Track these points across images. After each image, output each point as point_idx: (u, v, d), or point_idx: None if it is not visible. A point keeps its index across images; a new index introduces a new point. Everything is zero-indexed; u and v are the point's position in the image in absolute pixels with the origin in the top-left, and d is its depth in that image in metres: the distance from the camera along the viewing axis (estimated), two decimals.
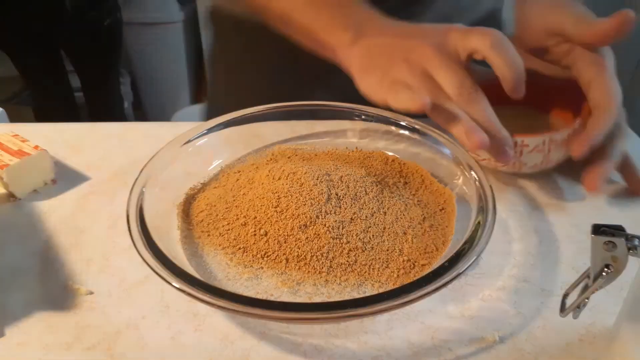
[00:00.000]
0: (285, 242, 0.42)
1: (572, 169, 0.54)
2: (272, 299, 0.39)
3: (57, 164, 0.55)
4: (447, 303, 0.39)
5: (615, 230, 0.29)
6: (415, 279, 0.38)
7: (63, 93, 1.67)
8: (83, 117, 1.79)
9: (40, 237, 0.46)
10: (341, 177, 0.46)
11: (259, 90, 0.66)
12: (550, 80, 0.53)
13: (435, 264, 0.40)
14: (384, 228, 0.43)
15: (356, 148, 0.55)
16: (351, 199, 0.44)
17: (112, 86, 1.76)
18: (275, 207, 0.43)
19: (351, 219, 0.43)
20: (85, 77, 1.71)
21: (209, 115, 0.78)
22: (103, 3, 1.54)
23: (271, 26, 0.58)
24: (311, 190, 0.44)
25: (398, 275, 0.40)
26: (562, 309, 0.35)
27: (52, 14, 1.48)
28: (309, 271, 0.41)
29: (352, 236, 0.42)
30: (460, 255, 0.37)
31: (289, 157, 0.53)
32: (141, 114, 2.17)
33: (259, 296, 0.39)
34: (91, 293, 0.40)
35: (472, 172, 0.45)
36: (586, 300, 0.33)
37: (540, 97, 0.54)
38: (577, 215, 0.48)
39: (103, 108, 1.75)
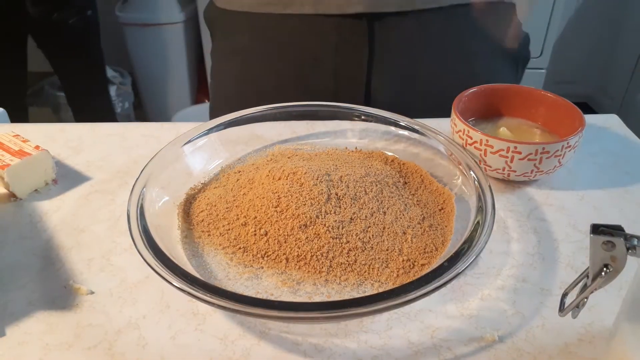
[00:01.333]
0: (285, 242, 0.42)
1: (571, 168, 0.54)
2: (272, 298, 0.39)
3: (58, 164, 0.55)
4: (446, 303, 0.40)
5: (614, 230, 0.29)
6: (414, 278, 0.38)
7: (15, 93, 1.62)
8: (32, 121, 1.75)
9: (41, 237, 0.46)
10: (341, 177, 0.46)
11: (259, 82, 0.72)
12: (549, 98, 0.55)
13: (435, 264, 0.40)
14: (384, 228, 0.43)
15: (356, 148, 0.55)
16: (351, 198, 0.44)
17: (97, 90, 1.69)
18: (275, 207, 0.43)
19: (351, 218, 0.43)
20: (65, 81, 1.65)
21: (212, 114, 0.79)
22: (68, 3, 1.48)
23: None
24: (311, 190, 0.44)
25: (398, 275, 0.40)
26: (561, 308, 0.35)
27: (18, 13, 1.43)
28: (309, 271, 0.41)
29: (351, 236, 0.42)
30: (459, 254, 0.37)
31: (289, 157, 0.53)
32: (141, 114, 2.17)
33: (259, 296, 0.39)
34: (92, 293, 0.41)
35: (471, 172, 0.45)
36: (585, 299, 0.33)
37: (543, 113, 0.56)
38: (575, 215, 0.48)
39: (89, 112, 1.69)
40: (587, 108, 2.21)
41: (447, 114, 0.54)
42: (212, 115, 0.81)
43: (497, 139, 0.48)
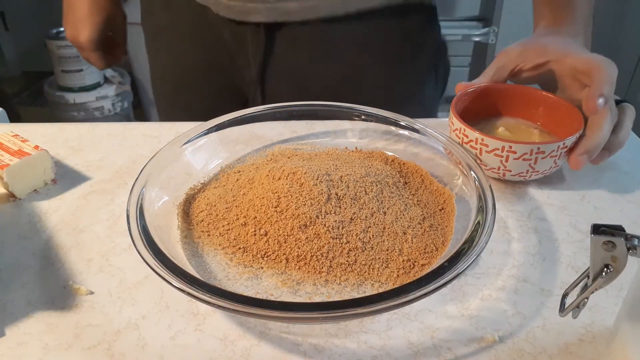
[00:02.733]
0: (285, 242, 0.42)
1: (571, 171, 0.54)
2: (272, 298, 0.39)
3: (58, 164, 0.55)
4: (446, 303, 0.39)
5: (614, 230, 0.29)
6: (415, 278, 0.38)
7: None
8: None
9: (40, 237, 0.46)
10: (341, 177, 0.46)
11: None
12: (550, 98, 0.55)
13: (435, 264, 0.40)
14: (384, 228, 0.43)
15: (356, 148, 0.55)
16: (351, 199, 0.44)
17: None
18: (275, 207, 0.43)
19: (351, 219, 0.43)
20: None
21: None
22: None
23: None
24: (311, 190, 0.44)
25: (398, 275, 0.40)
26: (562, 308, 0.35)
27: None
28: (309, 271, 0.41)
29: (352, 236, 0.42)
30: (459, 255, 0.37)
31: (289, 157, 0.53)
32: (141, 114, 2.17)
33: (259, 296, 0.39)
34: (91, 293, 0.40)
35: (472, 172, 0.45)
36: (585, 300, 0.33)
37: (543, 114, 0.55)
38: (576, 215, 0.48)
39: None
40: None
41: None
42: (156, 99, 0.82)
43: (493, 137, 0.48)
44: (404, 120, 0.53)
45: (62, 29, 1.87)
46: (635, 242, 0.29)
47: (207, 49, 0.70)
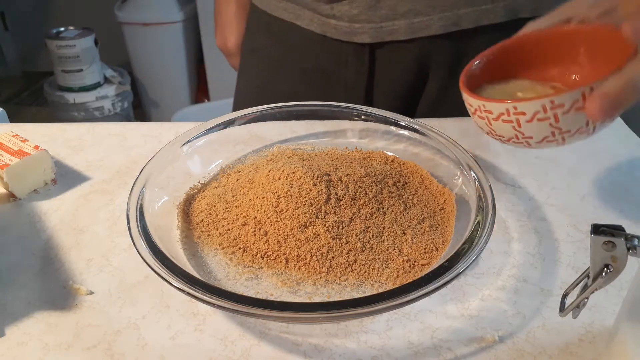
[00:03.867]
0: (285, 242, 0.42)
1: (571, 168, 0.54)
2: (272, 298, 0.39)
3: (58, 164, 0.55)
4: (446, 303, 0.39)
5: (614, 230, 0.29)
6: (414, 278, 0.38)
7: None
8: None
9: (40, 237, 0.46)
10: (341, 177, 0.46)
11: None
12: (594, 31, 0.41)
13: (435, 264, 0.40)
14: (384, 228, 0.43)
15: (356, 148, 0.55)
16: (351, 199, 0.44)
17: None
18: (275, 207, 0.43)
19: (351, 219, 0.43)
20: None
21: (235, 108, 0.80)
22: None
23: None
24: (311, 190, 0.44)
25: (398, 275, 0.40)
26: (562, 308, 0.35)
27: None
28: (308, 271, 0.41)
29: (351, 236, 0.42)
30: (459, 255, 0.37)
31: (288, 157, 0.53)
32: (141, 114, 2.17)
33: (259, 296, 0.39)
34: (91, 293, 0.40)
35: (472, 172, 0.45)
36: (585, 300, 0.33)
37: (585, 56, 0.42)
38: (576, 215, 0.48)
39: None
40: None
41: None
42: (234, 110, 0.81)
43: (492, 101, 0.38)
44: (404, 120, 0.53)
45: (62, 28, 1.88)
46: (635, 242, 0.29)
47: (295, 80, 0.69)
